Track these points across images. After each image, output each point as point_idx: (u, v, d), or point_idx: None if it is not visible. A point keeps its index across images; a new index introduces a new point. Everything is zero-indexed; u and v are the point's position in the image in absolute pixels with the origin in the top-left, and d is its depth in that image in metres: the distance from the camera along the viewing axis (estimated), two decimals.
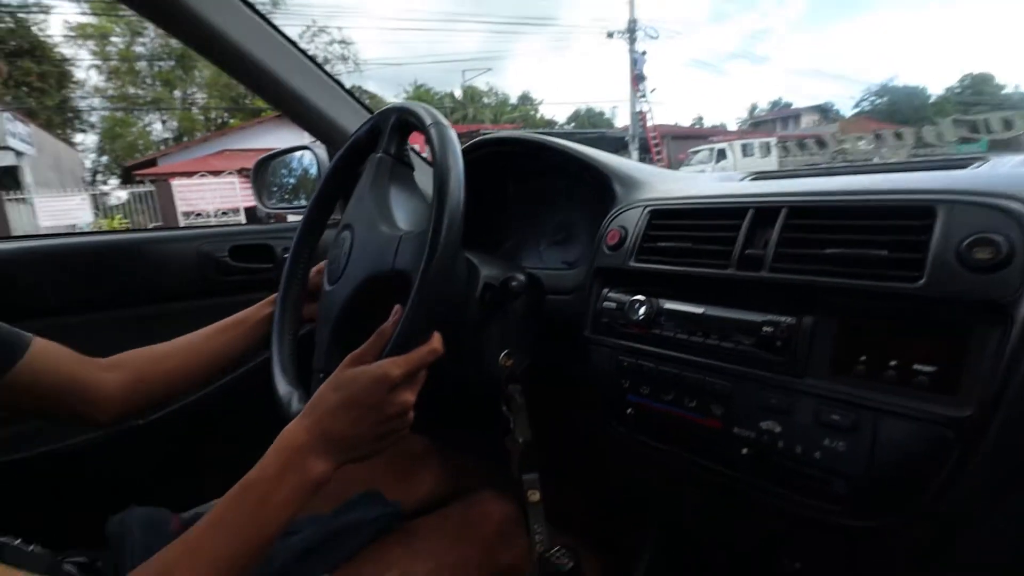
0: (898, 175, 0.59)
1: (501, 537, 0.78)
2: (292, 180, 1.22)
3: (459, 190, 0.58)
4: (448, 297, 0.70)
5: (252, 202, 1.28)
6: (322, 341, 0.68)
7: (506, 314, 0.75)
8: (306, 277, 0.85)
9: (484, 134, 1.05)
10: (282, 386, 0.74)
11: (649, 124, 15.46)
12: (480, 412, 1.06)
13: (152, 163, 14.96)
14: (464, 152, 0.97)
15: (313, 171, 1.17)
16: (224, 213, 11.21)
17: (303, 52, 0.99)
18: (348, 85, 1.07)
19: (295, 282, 0.84)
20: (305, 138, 1.16)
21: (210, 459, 1.00)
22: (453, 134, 0.63)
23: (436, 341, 0.55)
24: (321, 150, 1.12)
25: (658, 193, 0.73)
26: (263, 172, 1.25)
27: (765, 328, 0.53)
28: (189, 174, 12.33)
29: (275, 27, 0.95)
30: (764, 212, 0.57)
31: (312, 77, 1.00)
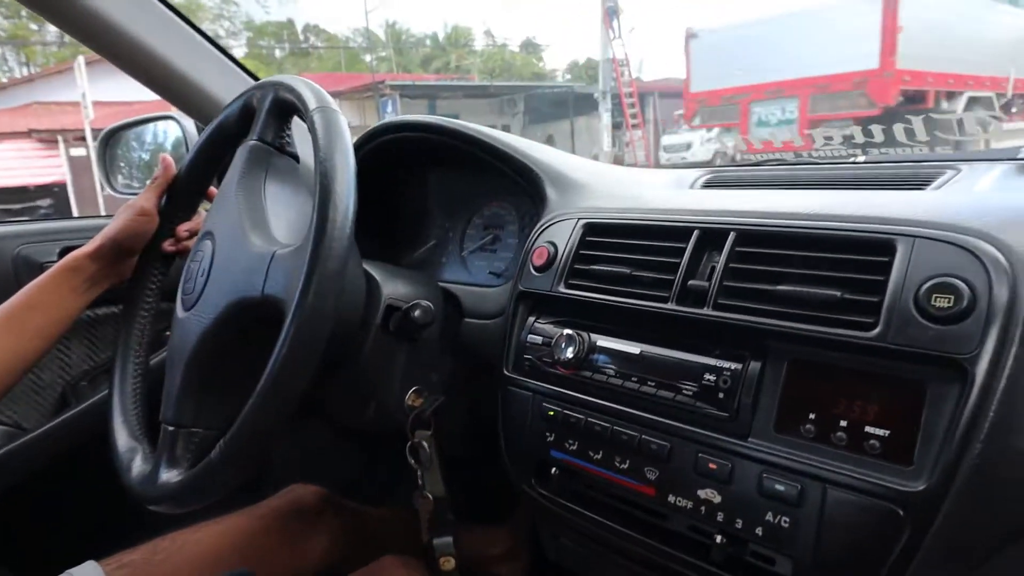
0: (861, 193, 0.62)
1: None
2: (148, 157, 1.16)
3: (347, 197, 0.57)
4: (341, 323, 0.69)
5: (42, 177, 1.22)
6: (172, 384, 0.66)
7: (414, 343, 0.74)
8: (157, 293, 0.81)
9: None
10: (122, 437, 0.71)
11: (624, 78, 15.29)
12: (385, 460, 1.06)
13: None
14: (369, 136, 0.96)
15: (175, 146, 1.13)
16: None
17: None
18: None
19: (143, 300, 0.80)
20: None
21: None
22: (344, 123, 0.62)
23: None
24: (189, 122, 1.08)
25: (597, 199, 0.74)
26: (112, 146, 1.20)
27: (707, 376, 0.55)
28: None
29: None
30: (709, 234, 0.59)
31: (167, 25, 0.94)
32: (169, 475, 0.62)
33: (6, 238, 0.95)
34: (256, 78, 1.03)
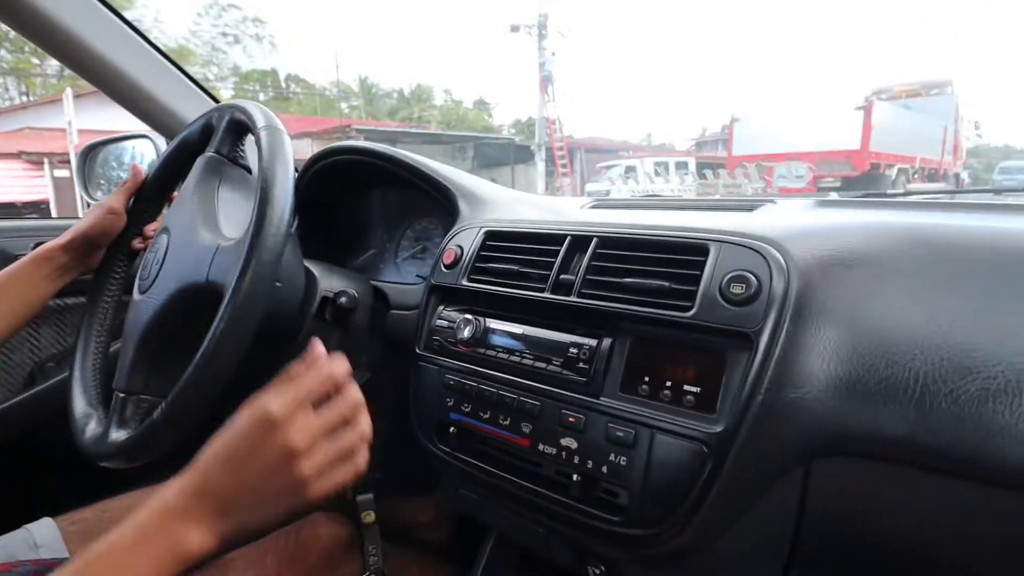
0: (698, 214, 0.69)
1: (330, 562, 0.78)
2: (124, 173, 1.14)
3: (284, 200, 0.58)
4: (282, 311, 0.70)
5: (28, 194, 1.19)
6: (125, 357, 0.65)
7: (346, 328, 0.76)
8: (121, 284, 0.80)
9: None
10: (80, 405, 0.70)
11: (557, 135, 15.73)
12: None
13: None
14: (318, 158, 0.98)
15: (150, 167, 1.11)
16: None
17: (138, 32, 0.94)
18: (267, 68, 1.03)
19: (107, 288, 0.79)
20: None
21: None
22: (287, 140, 0.64)
23: (338, 364, 0.52)
24: (162, 141, 1.07)
25: (498, 213, 0.78)
26: (92, 160, 1.17)
27: (571, 349, 0.59)
28: None
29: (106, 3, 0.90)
30: (578, 240, 0.64)
31: (149, 60, 0.95)
32: (118, 435, 0.62)
33: None
34: (217, 101, 1.03)
